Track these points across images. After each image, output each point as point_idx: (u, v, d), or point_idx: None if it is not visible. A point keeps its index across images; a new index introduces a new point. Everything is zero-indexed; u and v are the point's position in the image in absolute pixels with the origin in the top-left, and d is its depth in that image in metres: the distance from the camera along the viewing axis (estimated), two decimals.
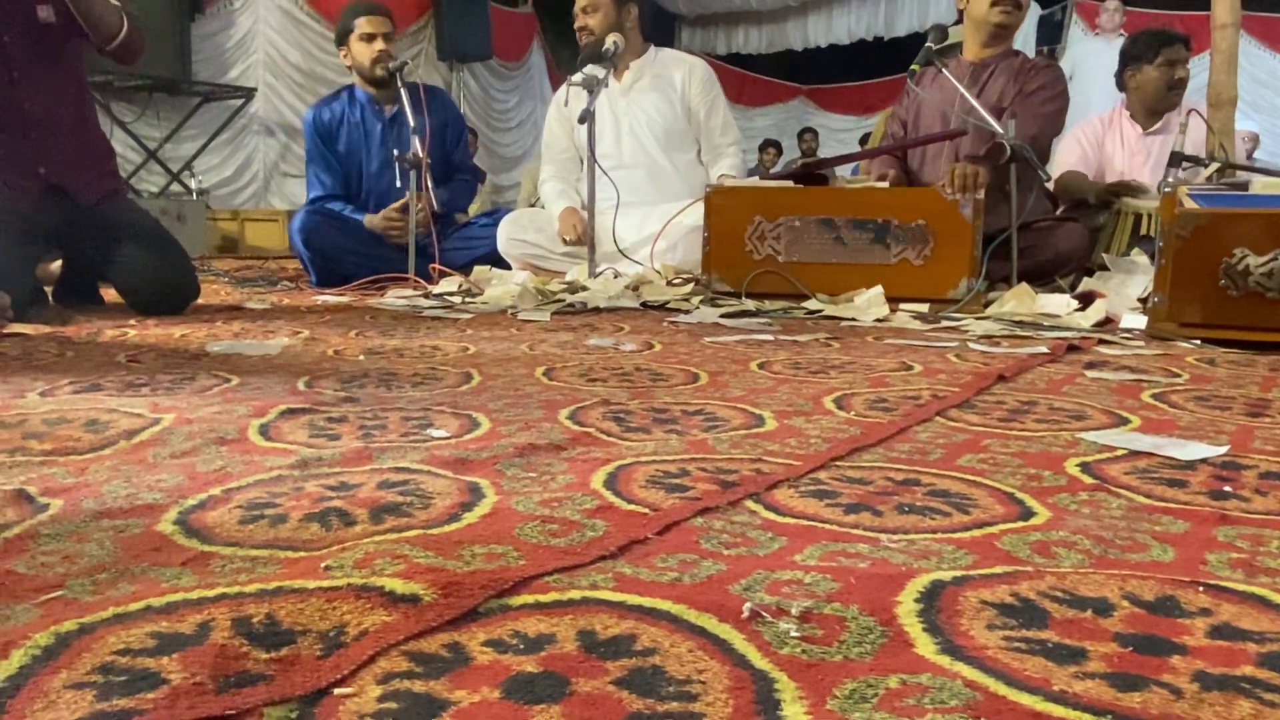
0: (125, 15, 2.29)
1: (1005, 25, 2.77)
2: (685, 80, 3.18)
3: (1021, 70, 2.78)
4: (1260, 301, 1.76)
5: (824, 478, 0.88)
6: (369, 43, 3.18)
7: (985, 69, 2.82)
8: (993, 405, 1.23)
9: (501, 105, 8.93)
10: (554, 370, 1.46)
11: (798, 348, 1.75)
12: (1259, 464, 0.93)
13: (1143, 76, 3.16)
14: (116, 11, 2.28)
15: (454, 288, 2.71)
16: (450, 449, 0.97)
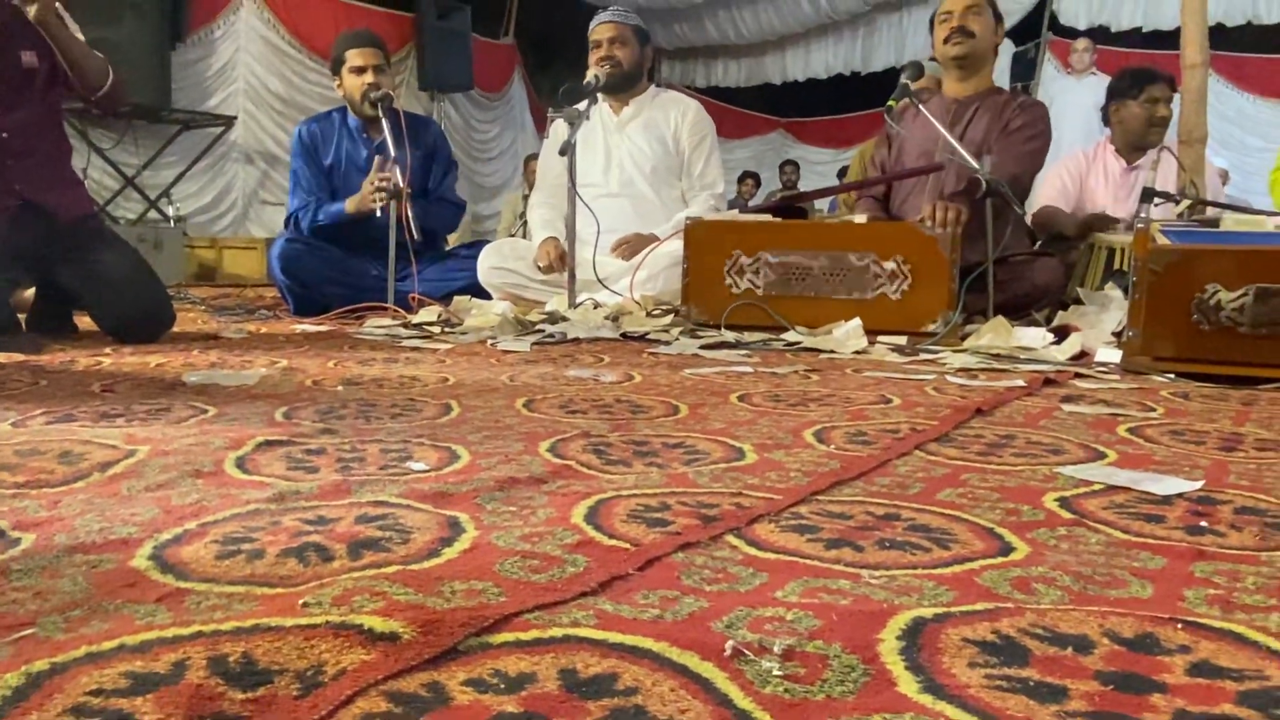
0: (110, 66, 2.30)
1: (961, 57, 2.82)
2: (679, 120, 3.24)
3: (1005, 107, 2.82)
4: (1232, 336, 1.78)
5: (804, 512, 0.88)
6: (359, 75, 3.21)
7: (969, 106, 2.86)
8: (971, 439, 1.24)
9: (482, 135, 8.96)
10: (534, 402, 1.46)
11: (777, 380, 1.76)
12: (1234, 499, 0.94)
13: (1126, 112, 3.22)
14: (103, 63, 2.30)
15: (433, 317, 2.71)
16: (430, 482, 0.96)
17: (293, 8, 7.20)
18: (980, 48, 2.83)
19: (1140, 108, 3.20)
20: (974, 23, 2.81)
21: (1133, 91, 3.22)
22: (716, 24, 10.20)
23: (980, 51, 2.84)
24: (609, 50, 3.18)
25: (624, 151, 3.24)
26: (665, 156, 3.24)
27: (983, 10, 2.82)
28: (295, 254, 3.10)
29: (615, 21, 3.22)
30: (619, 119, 3.27)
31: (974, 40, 2.81)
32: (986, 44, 2.84)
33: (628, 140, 3.24)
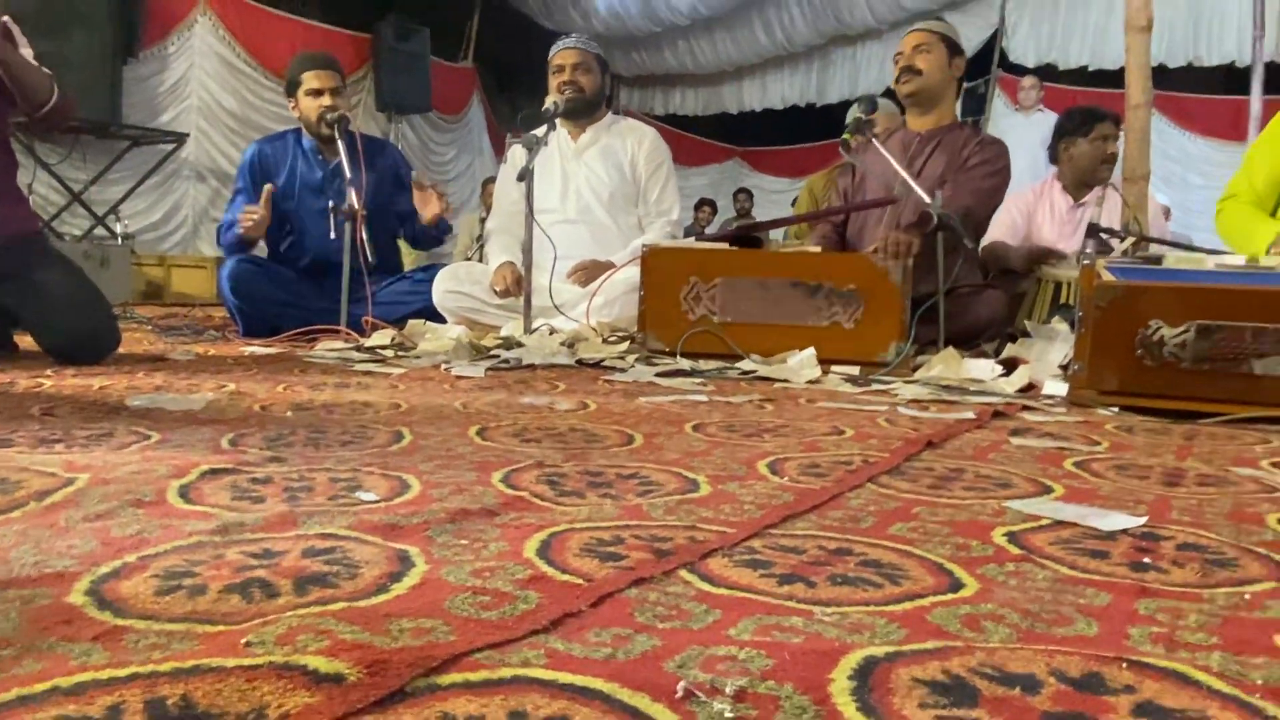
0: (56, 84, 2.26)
1: (910, 94, 2.90)
2: (636, 147, 3.28)
3: (966, 144, 2.89)
4: (1174, 371, 1.83)
5: (758, 546, 0.88)
6: (315, 98, 3.19)
7: (930, 140, 2.92)
8: (922, 471, 1.25)
9: (439, 157, 8.94)
10: (488, 429, 1.45)
11: (732, 409, 1.76)
12: (1176, 535, 0.96)
13: (1076, 150, 3.31)
14: (48, 80, 2.26)
15: (387, 341, 2.68)
16: (380, 513, 0.95)
17: (249, 26, 7.15)
18: (929, 84, 2.89)
19: (1090, 146, 3.29)
20: (921, 61, 2.88)
21: (1083, 130, 3.31)
22: (675, 53, 10.32)
23: (930, 88, 2.90)
24: (572, 76, 3.20)
25: (581, 178, 3.25)
26: (622, 183, 3.26)
27: (932, 48, 2.89)
28: (245, 274, 3.06)
29: (579, 48, 3.25)
30: (576, 145, 3.29)
31: (921, 78, 2.88)
32: (936, 80, 2.90)
33: (585, 167, 3.26)
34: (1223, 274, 1.87)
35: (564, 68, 3.22)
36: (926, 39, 2.92)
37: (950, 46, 2.94)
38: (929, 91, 2.90)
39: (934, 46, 2.91)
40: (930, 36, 2.93)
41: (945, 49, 2.92)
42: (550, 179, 3.22)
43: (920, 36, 2.94)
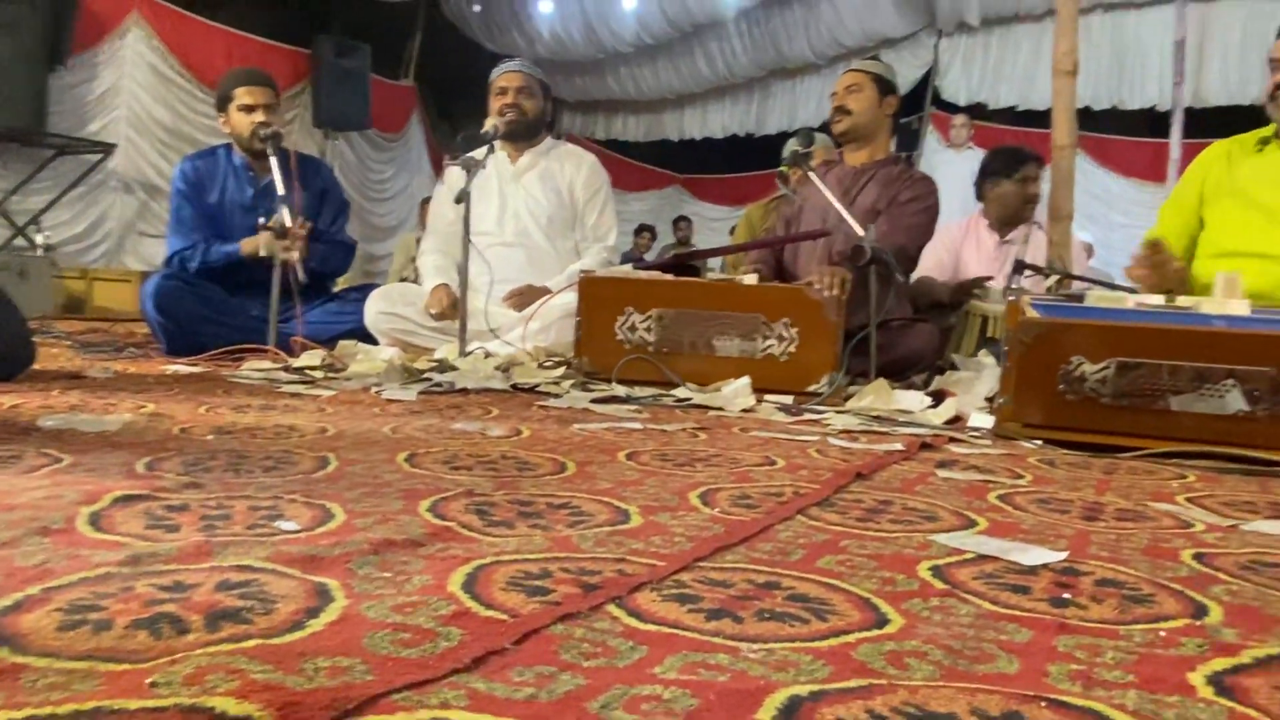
0: None
1: (843, 133, 3.01)
2: (574, 172, 3.29)
3: (897, 178, 2.97)
4: (1095, 406, 1.88)
5: (687, 579, 0.88)
6: (248, 113, 3.14)
7: (864, 174, 3.01)
8: (851, 504, 1.26)
9: (377, 175, 8.85)
10: (417, 456, 1.42)
11: (666, 438, 1.76)
12: (1095, 570, 0.98)
13: (1000, 190, 3.44)
14: None
15: (316, 361, 2.63)
16: (300, 544, 0.92)
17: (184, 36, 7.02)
18: (859, 123, 2.99)
19: (1014, 186, 3.42)
20: (852, 101, 2.99)
21: (1007, 171, 3.44)
22: (618, 79, 10.40)
23: (860, 126, 2.99)
24: (515, 99, 3.21)
25: (520, 201, 3.25)
26: (560, 208, 3.27)
27: (863, 88, 2.98)
28: (171, 291, 2.97)
29: (521, 71, 3.26)
30: (515, 168, 3.29)
31: (852, 118, 2.99)
32: (867, 119, 2.99)
33: (523, 190, 3.26)
34: (1142, 313, 1.93)
35: (506, 90, 3.22)
36: (858, 80, 3.01)
37: (882, 85, 3.02)
38: (860, 130, 2.99)
39: (865, 86, 2.99)
40: (862, 77, 3.02)
41: (877, 88, 3.00)
42: (487, 202, 3.21)
43: (852, 77, 3.03)
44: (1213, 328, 1.83)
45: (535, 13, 9.20)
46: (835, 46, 9.41)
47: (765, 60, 9.77)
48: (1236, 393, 1.79)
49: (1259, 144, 2.40)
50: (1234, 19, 8.04)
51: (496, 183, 3.25)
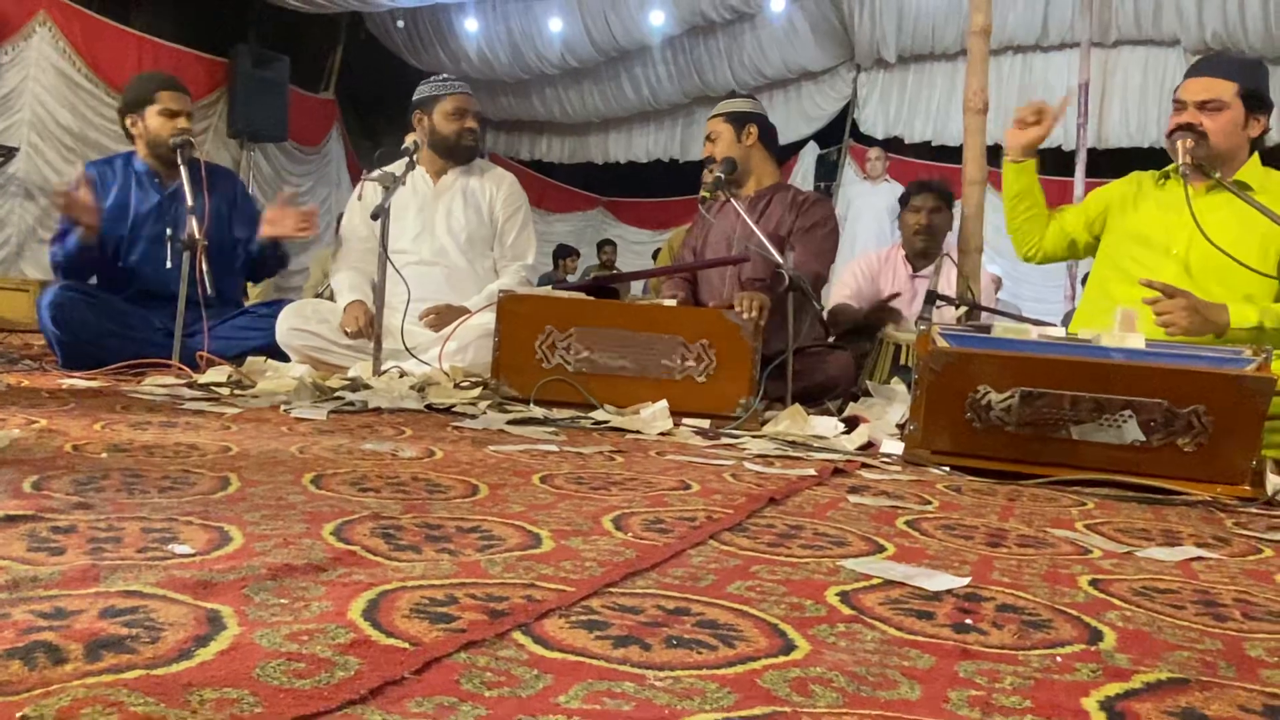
0: None
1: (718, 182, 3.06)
2: (494, 191, 3.28)
3: (795, 203, 3.04)
4: (1000, 434, 1.93)
5: (596, 605, 0.87)
6: (171, 118, 3.05)
7: (762, 199, 3.06)
8: (763, 529, 1.27)
9: (294, 189, 8.67)
10: (324, 477, 1.38)
11: (581, 461, 1.75)
12: (996, 595, 1.00)
13: (902, 219, 3.55)
14: None
15: (223, 378, 2.54)
16: (193, 569, 0.88)
17: (94, 40, 6.79)
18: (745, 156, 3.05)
19: (908, 215, 3.61)
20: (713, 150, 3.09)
21: (904, 200, 3.67)
22: (543, 100, 10.41)
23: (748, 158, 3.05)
24: (474, 122, 3.25)
25: (439, 220, 3.22)
26: (480, 226, 3.26)
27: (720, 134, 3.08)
28: (69, 303, 2.84)
29: (471, 95, 3.30)
30: (437, 187, 3.25)
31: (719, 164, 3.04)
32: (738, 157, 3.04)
33: (444, 209, 3.23)
34: (1044, 344, 2.00)
35: (466, 112, 3.24)
36: (713, 128, 3.11)
37: (736, 121, 3.08)
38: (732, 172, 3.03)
39: (721, 131, 3.08)
40: (716, 123, 3.11)
41: (733, 127, 3.07)
42: (404, 219, 3.17)
43: (709, 127, 3.13)
44: (1110, 360, 1.90)
45: (461, 31, 9.16)
46: (758, 77, 9.60)
47: (689, 87, 9.90)
48: (1133, 423, 1.86)
49: (1160, 178, 2.52)
50: (1134, 64, 8.46)
51: (414, 200, 3.21)
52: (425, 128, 3.22)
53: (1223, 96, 2.33)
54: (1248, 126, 2.36)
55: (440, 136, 3.21)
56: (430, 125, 3.21)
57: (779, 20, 8.94)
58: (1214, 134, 2.32)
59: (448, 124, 3.21)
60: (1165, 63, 8.30)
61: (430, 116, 3.22)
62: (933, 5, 8.45)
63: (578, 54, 9.40)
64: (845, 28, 9.24)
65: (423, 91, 3.25)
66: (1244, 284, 2.24)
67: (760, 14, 8.88)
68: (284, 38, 8.26)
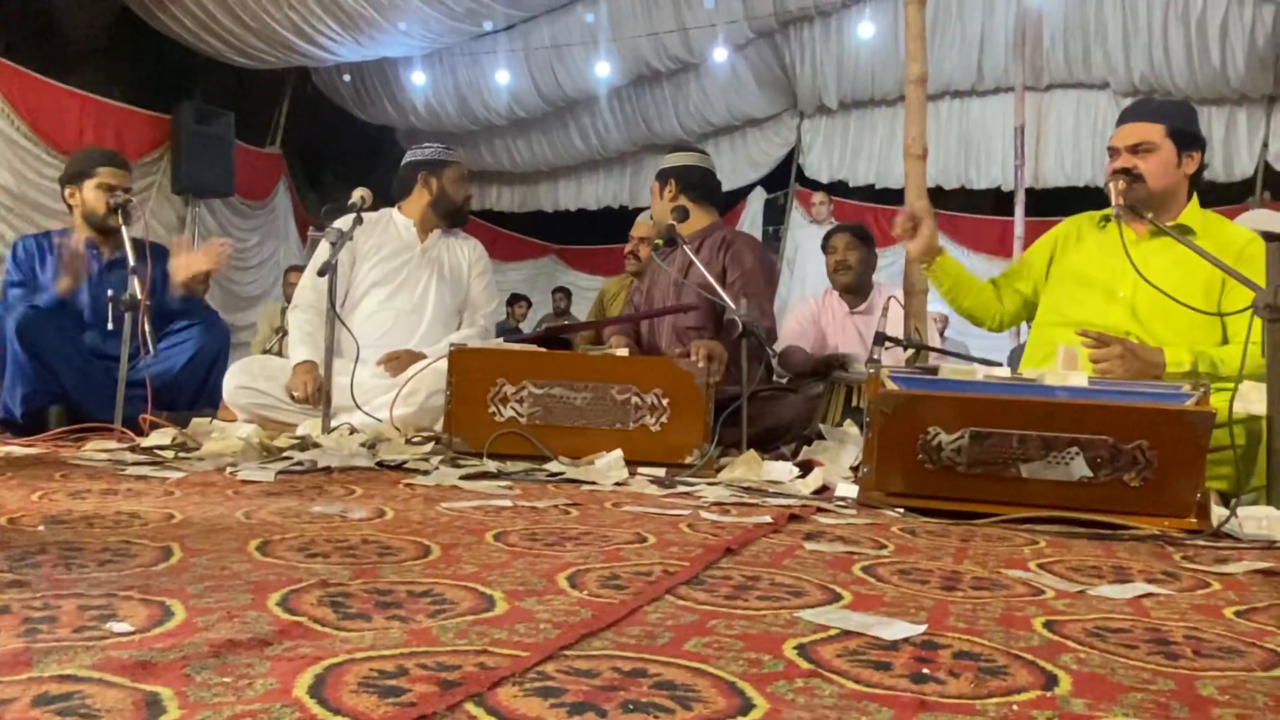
0: None
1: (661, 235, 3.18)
2: (471, 254, 3.41)
3: (725, 243, 3.08)
4: (952, 474, 1.95)
5: (551, 670, 0.85)
6: (108, 194, 3.10)
7: (694, 241, 3.10)
8: (720, 580, 1.26)
9: (241, 244, 8.57)
10: (270, 544, 1.35)
11: (536, 515, 1.73)
12: (953, 643, 1.00)
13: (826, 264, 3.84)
14: None
15: (167, 440, 2.49)
16: (132, 648, 0.85)
17: (34, 100, 6.71)
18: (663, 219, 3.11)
19: (828, 257, 3.82)
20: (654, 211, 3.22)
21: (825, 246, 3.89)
22: (492, 151, 10.46)
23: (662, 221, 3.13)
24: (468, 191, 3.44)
25: (424, 275, 3.28)
26: (456, 287, 3.35)
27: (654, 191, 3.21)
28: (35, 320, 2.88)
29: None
30: (424, 243, 3.31)
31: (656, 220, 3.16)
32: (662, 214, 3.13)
33: (430, 265, 3.30)
34: (991, 384, 2.02)
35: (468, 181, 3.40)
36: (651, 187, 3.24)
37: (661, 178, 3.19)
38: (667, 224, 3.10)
39: (654, 189, 3.21)
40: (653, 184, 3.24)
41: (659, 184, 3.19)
42: (388, 263, 3.23)
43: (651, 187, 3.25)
44: (1056, 399, 1.93)
45: (408, 83, 9.20)
46: (704, 124, 9.75)
47: (637, 135, 10.02)
48: (1080, 460, 1.89)
49: (1101, 221, 2.58)
50: (1066, 107, 8.73)
51: (403, 252, 3.27)
52: (432, 189, 3.31)
53: (1152, 138, 2.41)
54: (1182, 164, 2.42)
55: (449, 199, 3.33)
56: (440, 188, 3.31)
57: (723, 69, 9.11)
58: (1149, 175, 2.39)
59: (458, 190, 3.35)
60: (1096, 104, 8.59)
61: (440, 179, 3.31)
62: (871, 53, 8.67)
63: (525, 105, 9.48)
64: (788, 75, 9.44)
65: (428, 155, 3.35)
66: (1190, 326, 2.30)
67: (704, 63, 9.05)
68: (229, 93, 8.23)
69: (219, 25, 7.16)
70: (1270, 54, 7.69)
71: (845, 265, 3.79)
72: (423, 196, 3.30)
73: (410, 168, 3.35)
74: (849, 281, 3.78)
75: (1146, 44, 7.92)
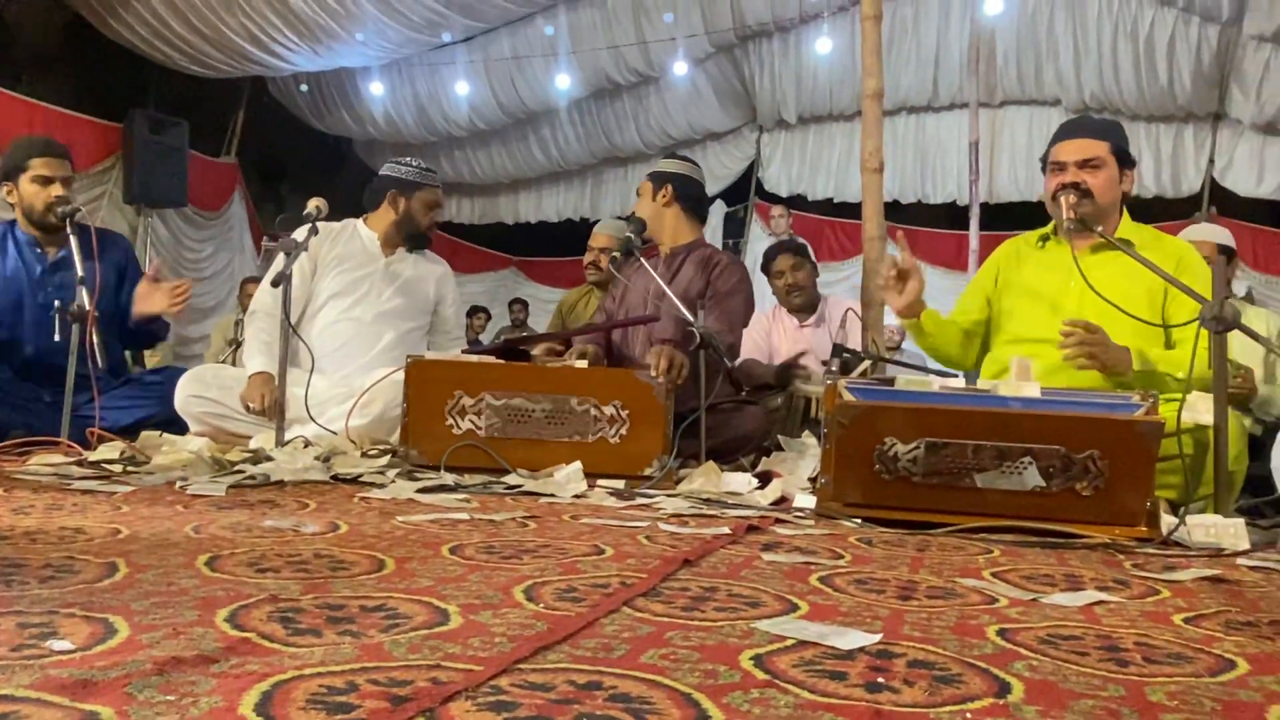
0: None
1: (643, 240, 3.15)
2: (435, 275, 3.34)
3: (709, 263, 3.08)
4: (908, 484, 1.96)
5: (505, 684, 0.84)
6: (44, 186, 2.95)
7: (676, 257, 3.10)
8: (677, 592, 1.25)
9: (194, 254, 8.45)
10: (219, 559, 1.32)
11: (493, 529, 1.72)
12: (908, 651, 1.01)
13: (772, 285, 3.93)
14: None
15: (115, 454, 2.43)
16: (73, 666, 0.83)
17: None
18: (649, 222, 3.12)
19: (774, 280, 3.88)
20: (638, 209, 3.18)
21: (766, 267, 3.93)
22: (452, 162, 10.41)
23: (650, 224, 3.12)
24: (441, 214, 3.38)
25: (388, 290, 3.20)
26: (421, 305, 3.28)
27: (641, 193, 3.21)
28: None
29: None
30: (388, 258, 3.23)
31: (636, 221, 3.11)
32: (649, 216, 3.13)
33: (394, 281, 3.22)
34: (946, 395, 2.05)
35: (439, 207, 3.31)
36: (640, 185, 3.25)
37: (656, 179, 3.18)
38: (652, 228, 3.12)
39: (644, 189, 3.21)
40: (643, 181, 3.25)
41: (652, 184, 3.18)
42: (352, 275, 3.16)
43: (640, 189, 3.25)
44: (1009, 409, 1.96)
45: (367, 94, 9.12)
46: (664, 138, 9.79)
47: (597, 148, 10.03)
48: (1033, 469, 1.91)
49: (1040, 240, 2.63)
50: (1019, 123, 8.89)
51: (368, 264, 3.20)
52: (399, 209, 3.21)
53: (1100, 155, 2.46)
54: (1122, 181, 2.50)
55: (414, 222, 3.24)
56: (407, 209, 3.22)
57: (683, 83, 9.16)
58: (1097, 190, 2.44)
59: (425, 215, 3.26)
60: (1048, 121, 8.74)
61: (410, 200, 3.22)
62: (829, 69, 8.76)
63: (485, 117, 9.45)
64: (747, 90, 9.51)
65: (402, 173, 3.25)
66: (1134, 336, 2.34)
67: (664, 77, 9.09)
68: (183, 101, 8.11)
69: (173, 33, 7.05)
70: (1215, 73, 7.90)
71: (796, 287, 3.83)
72: (389, 214, 3.21)
73: (384, 182, 3.26)
74: (803, 301, 3.83)
75: (1096, 62, 8.10)
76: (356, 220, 3.29)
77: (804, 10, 8.53)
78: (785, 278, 3.82)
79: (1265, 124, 7.92)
